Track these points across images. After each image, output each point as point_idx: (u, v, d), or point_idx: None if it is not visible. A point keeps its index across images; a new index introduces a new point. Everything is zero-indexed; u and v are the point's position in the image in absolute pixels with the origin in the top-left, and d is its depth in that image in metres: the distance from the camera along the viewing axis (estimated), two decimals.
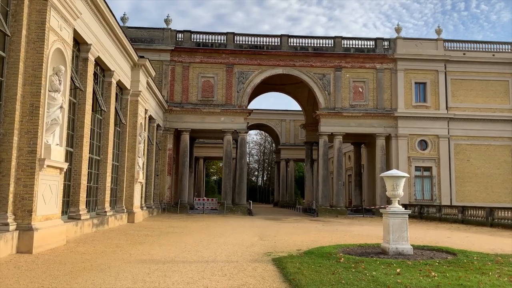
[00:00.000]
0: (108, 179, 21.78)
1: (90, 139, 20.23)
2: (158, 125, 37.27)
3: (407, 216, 13.50)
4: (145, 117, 30.62)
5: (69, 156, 17.52)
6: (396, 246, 13.08)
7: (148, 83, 29.42)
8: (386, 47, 40.92)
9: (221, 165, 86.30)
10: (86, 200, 19.87)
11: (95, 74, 20.62)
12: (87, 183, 19.96)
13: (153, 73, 28.96)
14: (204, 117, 39.63)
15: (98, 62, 20.67)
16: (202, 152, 65.07)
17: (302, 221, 31.48)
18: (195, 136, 46.19)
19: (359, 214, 40.77)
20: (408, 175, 13.72)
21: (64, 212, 17.06)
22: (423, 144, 40.11)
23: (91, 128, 20.34)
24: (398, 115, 39.67)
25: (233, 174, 45.07)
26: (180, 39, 40.45)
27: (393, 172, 13.62)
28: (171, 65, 39.94)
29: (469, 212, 29.89)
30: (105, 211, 21.18)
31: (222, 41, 40.52)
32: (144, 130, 29.04)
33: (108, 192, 21.75)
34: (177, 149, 41.76)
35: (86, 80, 18.07)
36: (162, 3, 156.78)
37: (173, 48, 39.69)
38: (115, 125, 24.24)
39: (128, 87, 25.60)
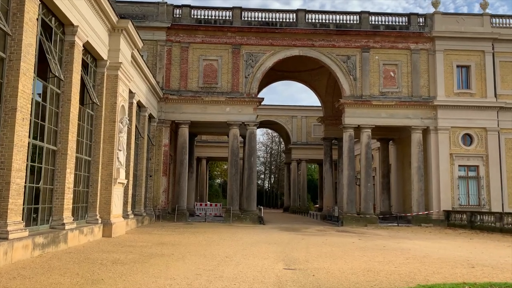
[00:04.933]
0: (69, 177, 15.43)
1: (38, 118, 13.98)
2: (151, 116, 30.98)
3: None
4: (132, 102, 24.36)
5: None
6: None
7: (133, 56, 23.09)
8: (421, 24, 34.42)
9: (225, 167, 79.97)
10: (30, 208, 13.60)
11: (46, 25, 14.34)
12: (33, 183, 13.68)
13: (140, 44, 22.62)
14: (206, 107, 33.23)
15: (51, 9, 14.40)
16: (204, 152, 58.50)
17: (328, 233, 25.05)
18: (195, 132, 39.73)
19: (390, 222, 34.22)
20: None
21: None
22: (468, 139, 33.50)
23: (40, 102, 14.11)
24: (437, 104, 33.10)
25: (240, 175, 38.71)
26: (177, 15, 34.10)
27: None
28: (167, 45, 33.59)
29: None
30: (63, 224, 14.83)
31: (227, 18, 34.14)
32: (129, 118, 22.71)
33: (68, 196, 15.39)
34: (175, 145, 35.40)
35: (21, 26, 11.76)
36: None
37: (169, 26, 33.35)
38: (83, 105, 17.94)
39: (105, 57, 19.27)
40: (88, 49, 17.81)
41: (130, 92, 23.43)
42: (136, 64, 24.69)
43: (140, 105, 27.60)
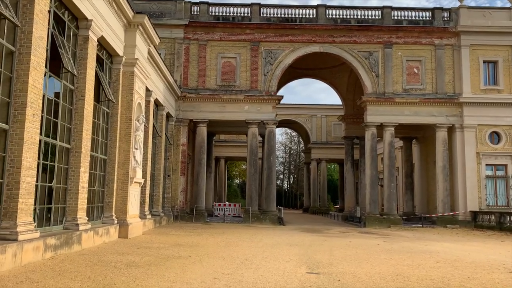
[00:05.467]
0: (84, 176, 14.94)
1: (51, 115, 13.52)
2: (168, 115, 30.53)
3: None
4: (149, 100, 23.93)
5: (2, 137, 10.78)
6: None
7: (150, 53, 22.59)
8: (446, 18, 33.26)
9: (244, 167, 79.36)
10: (43, 208, 13.13)
11: (58, 18, 13.87)
12: (45, 183, 13.22)
13: (157, 40, 22.11)
14: (224, 106, 32.63)
15: (64, 2, 13.94)
16: (223, 152, 57.99)
17: (351, 234, 24.19)
18: (214, 131, 39.21)
19: (414, 223, 33.19)
20: None
21: None
22: (495, 137, 32.22)
23: (52, 99, 13.65)
24: (463, 101, 31.93)
25: (259, 175, 38.01)
26: (195, 13, 33.57)
27: None
28: (184, 43, 33.10)
29: None
30: (77, 224, 14.34)
31: (245, 14, 33.49)
32: (145, 116, 22.24)
33: (83, 195, 14.91)
34: (193, 144, 34.91)
35: (32, 17, 11.26)
36: None
37: (187, 23, 32.85)
38: (99, 102, 17.46)
39: (120, 54, 18.79)
40: (103, 44, 17.34)
41: (147, 89, 22.99)
42: (153, 61, 24.21)
43: (157, 103, 27.13)
